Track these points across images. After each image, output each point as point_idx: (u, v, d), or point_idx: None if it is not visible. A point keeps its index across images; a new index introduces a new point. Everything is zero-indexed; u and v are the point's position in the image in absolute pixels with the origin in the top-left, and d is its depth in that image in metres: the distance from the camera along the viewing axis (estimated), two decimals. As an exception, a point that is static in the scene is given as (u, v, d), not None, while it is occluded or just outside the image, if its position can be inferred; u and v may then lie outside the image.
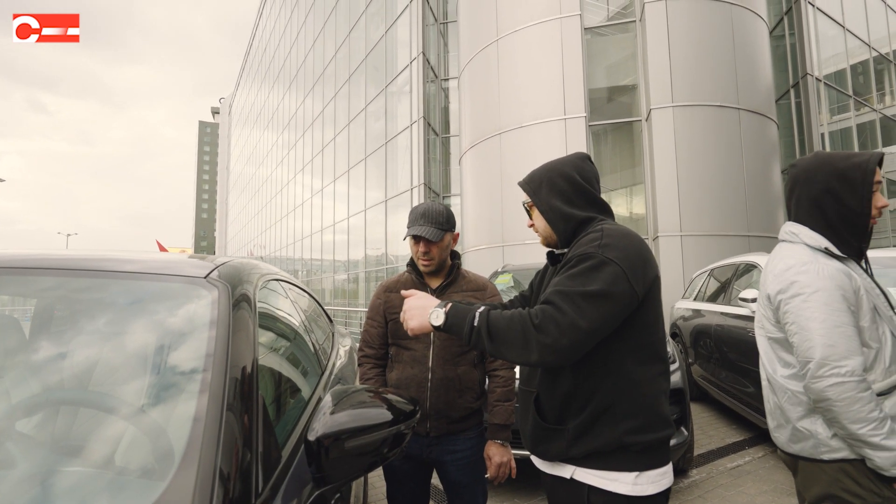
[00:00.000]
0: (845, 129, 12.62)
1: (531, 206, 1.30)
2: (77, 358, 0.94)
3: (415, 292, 1.24)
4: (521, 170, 7.04)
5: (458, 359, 1.67)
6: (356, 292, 18.42)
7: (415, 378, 1.66)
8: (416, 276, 1.75)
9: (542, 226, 1.28)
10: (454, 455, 1.66)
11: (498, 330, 1.04)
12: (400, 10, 14.71)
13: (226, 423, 0.76)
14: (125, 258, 1.23)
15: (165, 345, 0.97)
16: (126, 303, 1.05)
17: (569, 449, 1.11)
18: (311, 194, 22.88)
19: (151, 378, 0.90)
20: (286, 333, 1.59)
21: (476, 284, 1.76)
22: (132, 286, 1.09)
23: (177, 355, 0.94)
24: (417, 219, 1.66)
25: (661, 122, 8.49)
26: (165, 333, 0.99)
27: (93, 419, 0.83)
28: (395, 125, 14.86)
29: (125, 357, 0.94)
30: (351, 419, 0.94)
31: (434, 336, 1.66)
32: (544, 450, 1.17)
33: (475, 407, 1.69)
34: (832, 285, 1.21)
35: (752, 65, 8.97)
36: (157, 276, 1.11)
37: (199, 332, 0.94)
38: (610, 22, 9.74)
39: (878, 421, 1.15)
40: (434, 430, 1.65)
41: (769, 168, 9.02)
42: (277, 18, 31.00)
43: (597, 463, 1.10)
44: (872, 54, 13.75)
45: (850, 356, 1.17)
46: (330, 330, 2.61)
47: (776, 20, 11.88)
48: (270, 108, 32.70)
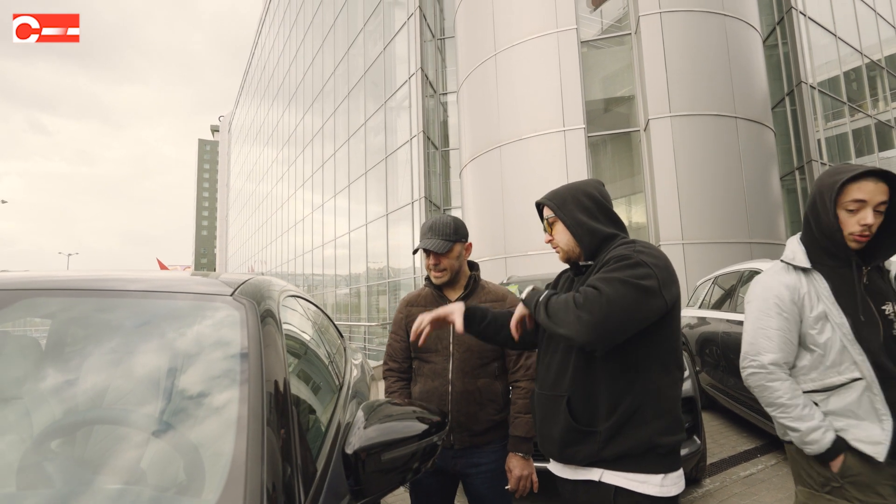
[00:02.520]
0: (841, 135, 12.75)
1: (553, 222, 1.34)
2: (117, 377, 0.95)
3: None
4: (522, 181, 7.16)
5: (477, 371, 1.66)
6: (358, 307, 18.39)
7: (436, 391, 1.66)
8: (434, 290, 1.75)
9: (565, 240, 1.32)
10: (478, 468, 1.65)
11: (553, 308, 1.12)
12: (398, 27, 14.95)
13: (267, 438, 0.78)
14: (153, 277, 1.26)
15: (201, 361, 0.99)
16: (160, 321, 1.07)
17: (601, 451, 1.14)
18: (312, 209, 22.98)
19: (191, 395, 0.91)
20: (306, 348, 1.61)
21: (496, 295, 1.74)
22: (163, 305, 1.11)
23: (213, 371, 0.96)
24: (426, 233, 1.68)
25: (660, 132, 8.58)
26: (201, 350, 1.01)
27: (138, 438, 0.84)
28: (394, 139, 15.00)
29: (163, 375, 0.96)
30: (384, 432, 0.96)
31: (453, 349, 1.67)
32: (573, 453, 1.19)
33: (498, 420, 1.67)
34: (769, 295, 1.44)
35: (747, 74, 9.10)
36: (186, 295, 1.13)
37: (233, 348, 0.96)
38: (605, 35, 9.90)
39: (783, 406, 1.38)
40: (458, 443, 1.64)
41: (768, 175, 9.09)
42: (276, 36, 31.44)
43: (627, 465, 1.13)
44: (864, 61, 13.94)
45: (764, 352, 1.42)
46: (342, 344, 2.62)
47: (769, 30, 12.07)
48: (270, 125, 33.00)
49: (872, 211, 1.33)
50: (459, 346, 1.66)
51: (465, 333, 1.44)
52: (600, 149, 9.71)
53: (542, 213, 1.39)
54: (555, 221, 1.34)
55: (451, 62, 14.19)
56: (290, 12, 27.94)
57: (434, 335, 1.69)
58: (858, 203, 1.33)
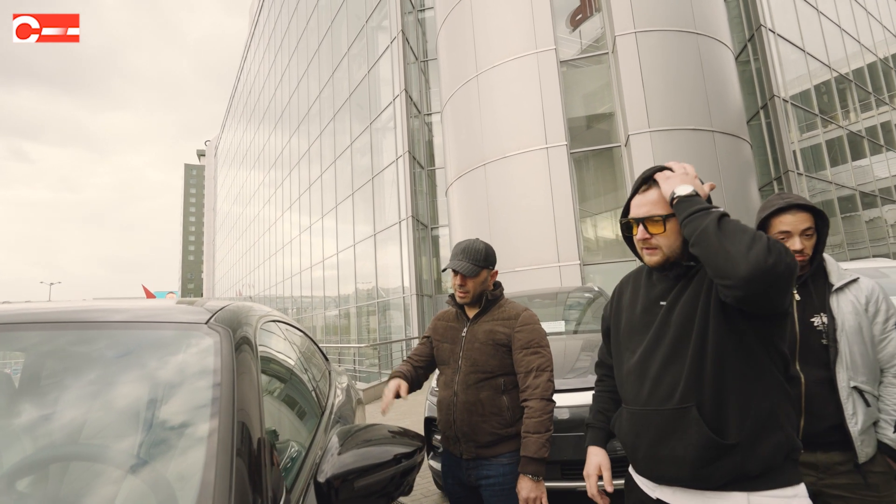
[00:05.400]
0: (815, 146, 13.13)
1: (665, 220, 1.18)
2: (88, 412, 0.94)
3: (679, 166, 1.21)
4: (507, 198, 7.24)
5: (481, 384, 1.70)
6: (348, 328, 18.21)
7: (445, 400, 1.78)
8: (456, 307, 1.87)
9: (673, 241, 1.18)
10: (488, 481, 1.68)
11: (732, 226, 0.99)
12: (381, 50, 15.20)
13: (236, 469, 0.77)
14: (122, 308, 1.24)
15: (174, 393, 0.97)
16: (129, 353, 1.06)
17: (745, 463, 1.03)
18: (300, 231, 22.90)
19: (159, 429, 0.90)
20: (286, 375, 1.59)
21: (509, 314, 1.77)
22: (133, 336, 1.10)
23: (185, 402, 0.95)
24: (458, 254, 1.78)
25: (640, 147, 8.77)
26: (173, 381, 0.99)
27: (103, 474, 0.83)
28: (380, 160, 15.10)
29: (131, 409, 0.94)
30: (358, 459, 0.95)
31: (462, 362, 1.75)
32: (711, 472, 1.04)
33: (503, 434, 1.67)
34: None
35: (722, 89, 9.38)
36: (158, 325, 1.13)
37: (205, 378, 0.95)
38: (584, 55, 10.16)
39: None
40: (466, 453, 1.71)
41: (747, 186, 9.30)
42: (262, 61, 31.74)
43: (772, 480, 1.03)
44: (833, 75, 14.46)
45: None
46: (326, 368, 2.59)
47: (740, 47, 12.50)
48: (257, 149, 33.05)
49: (799, 237, 1.49)
50: (468, 359, 1.75)
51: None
52: (583, 164, 9.87)
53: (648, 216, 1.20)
54: (671, 218, 1.17)
55: (435, 83, 14.43)
56: (275, 37, 28.30)
57: (448, 349, 1.83)
58: (784, 234, 1.51)
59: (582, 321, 4.26)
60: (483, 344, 1.72)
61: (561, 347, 3.40)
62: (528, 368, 1.67)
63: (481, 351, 1.72)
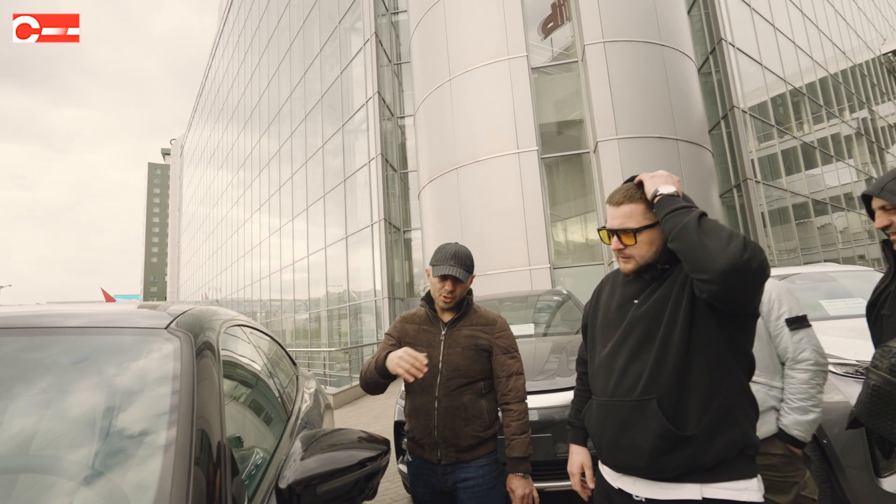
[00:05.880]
0: (772, 156, 13.77)
1: (636, 233, 1.24)
2: (33, 423, 0.90)
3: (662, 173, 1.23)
4: (479, 202, 7.30)
5: (463, 388, 1.71)
6: (318, 331, 17.93)
7: (423, 406, 1.73)
8: (430, 310, 1.83)
9: (645, 251, 1.24)
10: (466, 483, 1.68)
11: (711, 224, 1.04)
12: (354, 51, 15.09)
13: (194, 478, 0.75)
14: (78, 312, 1.20)
15: (130, 401, 0.95)
16: (85, 360, 1.02)
17: (699, 455, 1.08)
18: (269, 233, 22.43)
19: (115, 438, 0.87)
20: (251, 380, 1.57)
21: (486, 319, 1.82)
22: (89, 342, 1.06)
23: (142, 411, 0.92)
24: (448, 259, 1.75)
25: (608, 153, 9.00)
26: (129, 389, 0.97)
27: (55, 486, 0.80)
28: (353, 162, 14.98)
29: (86, 418, 0.91)
30: (321, 464, 0.94)
31: (442, 366, 1.73)
32: (666, 462, 1.10)
33: (483, 436, 1.71)
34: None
35: (685, 99, 9.74)
36: (116, 330, 1.09)
37: (163, 386, 0.93)
38: (554, 62, 10.37)
39: None
40: (444, 459, 1.69)
41: (708, 193, 9.67)
42: (231, 60, 31.01)
43: (726, 472, 1.08)
44: (788, 88, 15.21)
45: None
46: (294, 373, 2.56)
47: (702, 59, 13.01)
48: (225, 148, 32.22)
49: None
50: (448, 363, 1.73)
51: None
52: (553, 170, 10.05)
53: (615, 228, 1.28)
54: (643, 231, 1.23)
55: (408, 86, 14.43)
56: (245, 35, 27.69)
57: (424, 352, 1.75)
58: None
59: (551, 324, 4.33)
60: (465, 349, 1.74)
61: (530, 350, 3.45)
62: (509, 372, 1.74)
63: (464, 355, 1.73)
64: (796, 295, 1.92)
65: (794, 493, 1.66)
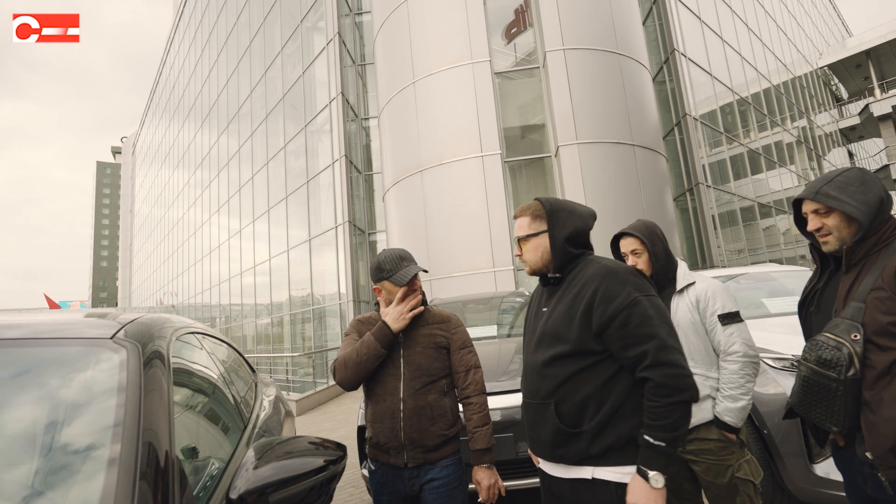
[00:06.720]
0: (721, 161, 14.49)
1: (520, 241, 1.52)
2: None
3: None
4: (443, 204, 7.33)
5: (427, 388, 1.71)
6: (281, 336, 17.50)
7: (388, 410, 1.71)
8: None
9: (531, 257, 1.50)
10: (432, 484, 1.68)
11: (669, 423, 1.20)
12: (317, 51, 14.85)
13: (139, 493, 0.74)
14: (17, 323, 1.14)
15: (72, 416, 0.91)
16: (24, 373, 0.98)
17: (588, 448, 1.27)
18: (229, 236, 21.71)
19: (56, 455, 0.84)
20: (205, 389, 1.53)
21: (440, 317, 1.87)
22: (29, 354, 1.01)
23: (84, 426, 0.89)
24: (402, 261, 1.80)
25: (569, 158, 9.23)
26: (72, 403, 0.93)
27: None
28: (316, 163, 14.72)
29: (25, 435, 0.87)
30: (275, 472, 0.93)
31: (404, 368, 1.73)
32: (563, 453, 1.31)
33: (449, 435, 1.72)
34: None
35: (641, 106, 10.12)
36: (58, 341, 1.05)
37: (109, 399, 0.90)
38: (517, 67, 10.55)
39: None
40: (411, 461, 1.68)
41: (663, 196, 10.08)
42: (187, 55, 29.84)
43: (613, 459, 1.26)
44: (735, 97, 16.06)
45: None
46: (252, 380, 2.50)
47: (657, 68, 13.56)
48: (181, 147, 30.96)
49: (631, 255, 2.03)
50: (410, 364, 1.73)
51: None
52: (517, 173, 10.22)
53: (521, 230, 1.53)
54: (528, 239, 1.50)
55: (372, 87, 14.31)
56: (202, 30, 26.72)
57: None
58: (623, 254, 2.07)
59: (515, 325, 4.40)
60: (425, 348, 1.75)
61: (494, 351, 3.50)
62: (467, 367, 1.79)
63: (424, 354, 1.74)
64: (733, 293, 2.11)
65: (730, 476, 1.80)
